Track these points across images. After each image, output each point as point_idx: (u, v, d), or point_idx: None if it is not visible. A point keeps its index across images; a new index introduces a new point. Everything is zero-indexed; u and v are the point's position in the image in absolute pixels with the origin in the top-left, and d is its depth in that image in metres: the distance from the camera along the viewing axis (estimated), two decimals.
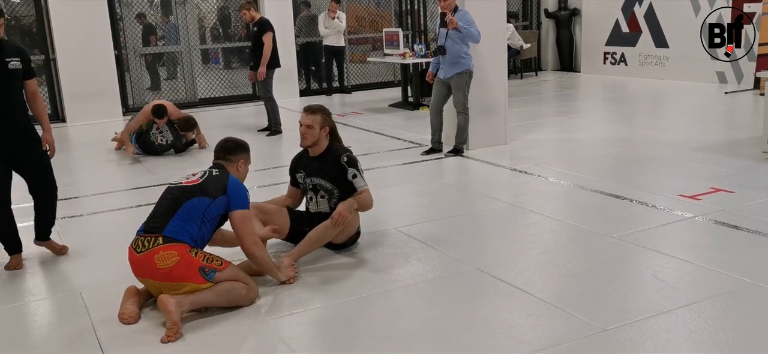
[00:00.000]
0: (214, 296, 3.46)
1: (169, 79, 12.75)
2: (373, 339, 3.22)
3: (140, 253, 3.43)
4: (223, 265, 3.50)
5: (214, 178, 3.65)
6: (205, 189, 3.59)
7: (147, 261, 3.42)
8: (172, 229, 3.45)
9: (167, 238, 3.42)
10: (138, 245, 3.46)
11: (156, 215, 3.55)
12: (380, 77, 13.77)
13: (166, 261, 3.38)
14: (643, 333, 3.14)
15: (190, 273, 3.39)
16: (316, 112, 4.32)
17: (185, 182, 3.64)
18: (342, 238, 4.27)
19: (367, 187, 4.27)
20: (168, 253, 3.39)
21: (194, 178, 3.66)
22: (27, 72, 4.24)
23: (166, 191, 3.67)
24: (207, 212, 3.54)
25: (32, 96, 4.34)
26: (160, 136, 7.69)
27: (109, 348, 3.22)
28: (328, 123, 4.35)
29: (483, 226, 4.93)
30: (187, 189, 3.59)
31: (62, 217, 5.44)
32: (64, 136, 9.62)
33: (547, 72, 14.81)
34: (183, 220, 3.48)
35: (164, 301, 3.30)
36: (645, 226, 4.62)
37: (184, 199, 3.53)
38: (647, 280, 3.77)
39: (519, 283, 3.76)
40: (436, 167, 6.75)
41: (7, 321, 3.60)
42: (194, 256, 3.43)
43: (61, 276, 4.19)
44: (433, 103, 7.10)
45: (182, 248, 3.42)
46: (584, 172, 6.17)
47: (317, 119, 4.29)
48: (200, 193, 3.56)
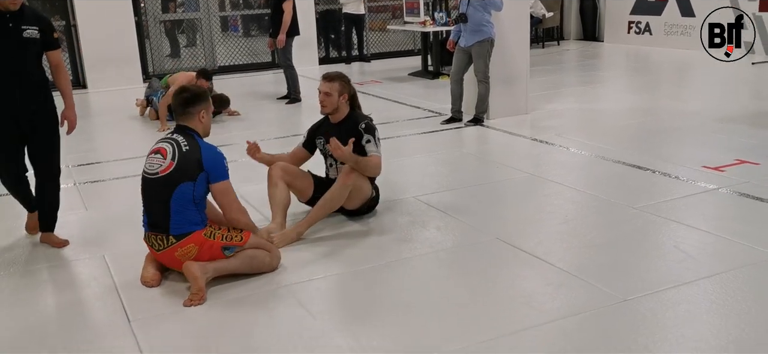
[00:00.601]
0: (238, 263, 3.47)
1: (188, 47, 12.76)
2: (392, 306, 3.23)
3: (160, 251, 3.44)
4: (243, 241, 3.50)
5: (185, 155, 3.40)
6: (183, 171, 3.38)
7: (168, 257, 3.44)
8: (176, 225, 3.38)
9: (178, 236, 3.38)
10: (153, 243, 3.46)
11: (152, 212, 3.46)
12: (400, 46, 13.67)
13: (187, 255, 3.39)
14: (663, 303, 3.12)
15: (213, 253, 3.42)
16: (334, 79, 4.29)
17: (161, 171, 3.40)
18: (355, 203, 4.23)
19: (377, 154, 4.23)
20: (186, 248, 3.38)
21: (166, 164, 3.40)
22: (47, 42, 3.97)
23: (144, 181, 3.50)
24: (195, 194, 3.40)
25: (55, 68, 4.07)
26: None
27: (134, 309, 3.26)
28: (347, 90, 4.32)
29: (503, 195, 4.91)
30: (165, 179, 3.38)
31: (84, 181, 5.51)
32: (85, 102, 9.69)
33: (569, 41, 14.61)
34: (180, 212, 3.37)
35: (189, 267, 3.32)
36: (667, 197, 4.57)
37: (169, 190, 3.36)
38: (669, 251, 3.73)
39: (538, 252, 3.74)
40: (456, 136, 6.71)
41: (33, 282, 3.66)
42: (213, 239, 3.42)
43: (84, 240, 4.24)
44: (454, 72, 7.04)
45: (198, 238, 3.39)
46: (606, 142, 6.10)
47: (335, 87, 4.27)
48: (180, 179, 3.37)
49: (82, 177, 5.65)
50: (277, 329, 3.05)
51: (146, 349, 2.91)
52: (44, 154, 4.04)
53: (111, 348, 2.95)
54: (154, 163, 3.46)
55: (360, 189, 4.20)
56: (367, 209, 4.38)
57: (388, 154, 6.15)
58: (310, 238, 4.06)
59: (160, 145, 3.52)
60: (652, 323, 2.96)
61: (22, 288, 3.59)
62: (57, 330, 3.13)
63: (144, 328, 3.10)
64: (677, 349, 2.75)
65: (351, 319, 3.10)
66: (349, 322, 3.06)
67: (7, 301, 3.46)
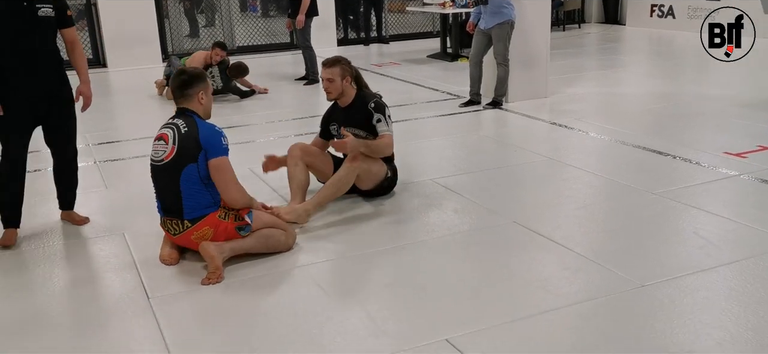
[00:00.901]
0: (253, 242, 3.49)
1: (207, 27, 12.80)
2: (408, 288, 3.23)
3: (176, 235, 3.47)
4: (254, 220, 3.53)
5: (185, 136, 3.39)
6: (185, 153, 3.37)
7: (185, 240, 3.47)
8: (189, 209, 3.39)
9: (193, 220, 3.40)
10: (169, 228, 3.49)
11: (165, 199, 3.48)
12: (419, 27, 13.62)
13: (203, 238, 3.42)
14: (682, 290, 3.10)
15: (228, 234, 3.44)
16: (334, 64, 4.26)
17: (165, 157, 3.40)
18: (368, 184, 4.22)
19: (389, 133, 4.22)
20: (202, 231, 3.41)
21: (169, 149, 3.40)
22: (62, 20, 3.87)
23: (152, 169, 3.51)
24: (201, 175, 3.38)
25: (71, 46, 3.99)
26: (211, 80, 7.72)
27: (152, 287, 3.30)
28: (349, 72, 4.28)
29: (520, 179, 4.88)
30: (171, 165, 3.38)
31: (104, 160, 5.55)
32: (104, 81, 9.77)
33: (590, 24, 14.46)
34: (191, 195, 3.38)
35: (206, 247, 3.35)
36: (687, 183, 4.52)
37: (176, 175, 3.36)
38: (688, 237, 3.70)
39: (556, 236, 3.72)
40: (474, 119, 6.68)
41: (53, 259, 3.71)
42: (227, 221, 3.44)
43: (104, 217, 4.29)
44: (473, 54, 6.99)
45: (212, 220, 3.41)
46: (626, 127, 6.04)
47: (336, 71, 4.24)
48: (185, 162, 3.36)
49: (102, 155, 5.70)
50: (293, 309, 3.07)
51: (165, 325, 2.94)
52: (62, 137, 4.00)
53: (130, 324, 2.98)
54: (158, 150, 3.48)
55: (369, 170, 4.16)
56: (385, 190, 4.37)
57: (405, 137, 6.15)
58: (326, 218, 4.07)
59: (162, 131, 3.52)
60: (669, 309, 2.94)
61: (43, 263, 3.64)
62: (77, 306, 3.17)
63: (162, 305, 3.13)
64: (695, 335, 2.73)
65: (366, 300, 3.11)
66: (364, 304, 3.07)
67: (28, 276, 3.51)
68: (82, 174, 4.21)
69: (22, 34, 3.71)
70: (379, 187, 4.31)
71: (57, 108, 3.90)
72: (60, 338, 2.90)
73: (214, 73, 7.73)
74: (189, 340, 2.84)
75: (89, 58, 10.87)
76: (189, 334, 2.90)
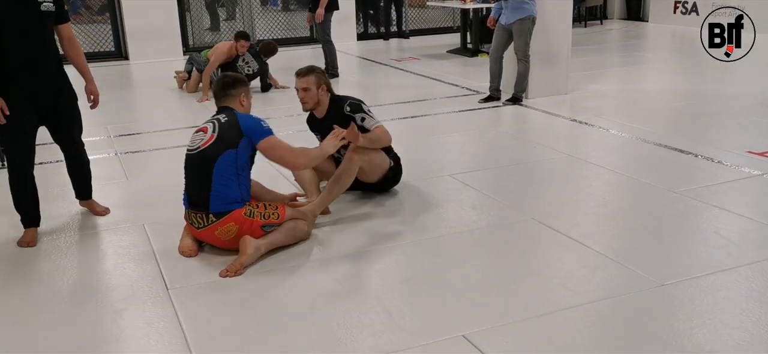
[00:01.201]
0: (282, 236, 3.56)
1: (227, 20, 12.86)
2: (425, 284, 3.23)
3: (200, 229, 3.50)
4: (280, 218, 3.56)
5: (225, 125, 3.50)
6: (224, 141, 3.45)
7: (209, 235, 3.50)
8: (217, 203, 3.42)
9: (218, 214, 3.42)
10: (193, 221, 3.51)
11: (193, 189, 3.51)
12: (439, 22, 13.57)
13: (227, 233, 3.45)
14: (702, 290, 3.07)
15: (253, 232, 3.47)
16: (308, 72, 4.15)
17: (202, 145, 3.47)
18: (372, 177, 4.16)
19: (379, 124, 4.15)
20: (227, 227, 3.43)
21: (208, 137, 3.48)
22: (60, 15, 3.76)
23: (188, 158, 3.56)
24: (238, 163, 3.46)
25: (68, 42, 3.86)
26: (246, 66, 7.83)
27: (171, 278, 3.33)
28: (324, 80, 4.18)
29: (539, 176, 4.86)
30: (209, 151, 3.44)
31: (125, 152, 5.61)
32: (126, 73, 9.86)
33: (612, 21, 14.33)
34: (221, 186, 3.42)
35: (247, 241, 3.39)
36: (709, 182, 4.47)
37: (211, 161, 3.42)
38: (709, 237, 3.66)
39: (575, 234, 3.70)
40: (494, 115, 6.65)
41: (73, 248, 3.75)
42: (253, 218, 3.46)
43: (125, 208, 4.33)
44: (494, 50, 6.96)
45: (237, 217, 3.44)
46: (647, 124, 5.98)
47: (312, 80, 4.12)
48: (223, 148, 3.43)
49: (123, 147, 5.75)
50: (310, 302, 3.08)
51: (183, 316, 2.97)
52: (71, 135, 3.95)
53: (149, 315, 3.01)
54: (195, 140, 3.55)
55: (371, 162, 4.09)
56: (391, 181, 4.33)
57: (424, 132, 6.16)
58: (343, 213, 4.08)
59: (203, 125, 3.61)
60: (689, 309, 2.92)
61: (64, 253, 3.69)
62: (96, 295, 3.21)
63: (181, 296, 3.15)
64: (715, 336, 2.71)
65: (383, 295, 3.11)
66: (381, 298, 3.08)
67: (48, 265, 3.55)
68: (102, 165, 4.26)
69: (28, 30, 3.61)
70: (385, 177, 4.25)
71: (65, 104, 3.84)
72: (79, 326, 2.93)
73: (248, 59, 7.81)
74: (207, 332, 2.86)
75: (111, 51, 11.01)
76: (207, 325, 2.92)
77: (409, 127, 6.40)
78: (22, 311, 3.08)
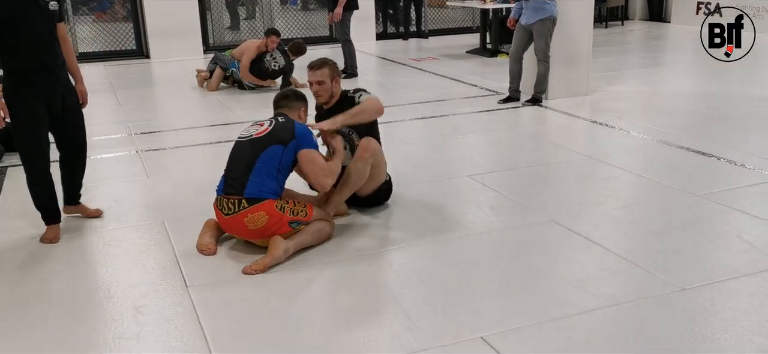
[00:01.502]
0: (310, 238, 3.59)
1: (247, 19, 12.92)
2: (443, 284, 3.23)
3: (228, 215, 3.51)
4: (308, 217, 3.59)
5: (281, 124, 3.64)
6: (276, 136, 3.57)
7: (237, 223, 3.51)
8: (253, 188, 3.46)
9: (251, 200, 3.45)
10: (223, 207, 3.53)
11: (233, 172, 3.56)
12: (458, 22, 13.54)
13: (256, 222, 3.47)
14: (724, 294, 3.03)
15: (280, 227, 3.49)
16: (323, 65, 4.06)
17: (255, 134, 3.60)
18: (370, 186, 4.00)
19: (372, 96, 4.00)
20: (257, 215, 3.45)
21: (263, 129, 3.63)
22: (60, 15, 3.78)
23: (236, 145, 3.65)
24: (282, 160, 3.55)
25: (62, 42, 3.80)
26: (273, 62, 7.94)
27: (191, 275, 3.35)
28: (337, 72, 4.12)
29: (559, 177, 4.83)
30: (259, 140, 3.56)
31: (146, 149, 5.65)
32: (147, 71, 9.94)
33: (634, 22, 14.21)
34: (261, 176, 3.48)
35: (277, 242, 3.41)
36: (732, 186, 4.42)
37: (258, 151, 3.52)
38: (731, 241, 3.62)
39: (594, 236, 3.67)
40: (513, 116, 6.62)
41: (93, 246, 3.79)
42: (283, 213, 3.49)
43: (145, 206, 4.37)
44: (514, 50, 6.93)
45: (269, 206, 3.46)
46: (669, 126, 5.93)
47: (326, 73, 4.03)
48: (272, 142, 3.54)
49: (143, 145, 5.80)
50: (328, 301, 3.09)
51: (202, 313, 2.99)
52: (78, 133, 3.94)
53: (168, 312, 3.04)
54: (250, 129, 3.69)
55: (378, 165, 3.97)
56: (382, 198, 4.18)
57: (443, 132, 6.14)
58: (362, 213, 4.08)
59: (262, 121, 3.74)
60: (710, 313, 2.89)
61: (84, 250, 3.73)
62: (117, 292, 3.24)
63: (201, 293, 3.18)
64: (736, 341, 2.68)
65: (401, 295, 3.11)
66: (399, 299, 3.07)
67: (69, 262, 3.59)
68: (123, 163, 4.29)
69: (40, 29, 3.61)
70: (378, 191, 4.09)
71: (71, 102, 3.84)
72: (99, 322, 2.96)
73: (275, 55, 7.92)
74: (225, 329, 2.88)
75: (132, 49, 11.12)
76: (225, 322, 2.93)
77: (428, 127, 6.39)
78: (43, 308, 3.12)
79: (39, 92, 3.64)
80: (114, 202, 4.41)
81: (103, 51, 11.09)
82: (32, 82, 3.61)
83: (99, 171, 5.14)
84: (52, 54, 3.69)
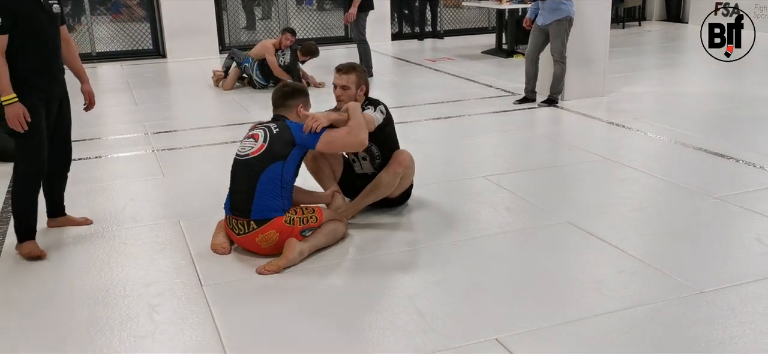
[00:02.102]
0: (324, 239, 3.57)
1: (263, 19, 12.95)
2: (458, 285, 3.21)
3: (240, 235, 3.51)
4: (318, 221, 3.57)
5: (277, 136, 3.51)
6: (273, 152, 3.47)
7: (249, 242, 3.51)
8: (258, 210, 3.43)
9: (260, 221, 3.44)
10: (234, 227, 3.53)
11: (237, 194, 3.53)
12: (474, 23, 13.50)
13: (268, 241, 3.47)
14: (742, 298, 2.99)
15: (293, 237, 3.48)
16: (351, 71, 3.92)
17: (252, 153, 3.49)
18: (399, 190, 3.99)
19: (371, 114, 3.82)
20: (268, 234, 3.44)
21: (258, 146, 3.50)
22: (62, 17, 3.69)
23: (235, 163, 3.57)
24: (283, 177, 3.48)
25: (65, 44, 3.72)
26: (282, 56, 8.09)
27: (206, 274, 3.36)
28: (364, 80, 3.97)
29: (575, 179, 4.80)
30: (256, 160, 3.46)
31: (162, 149, 5.68)
32: (163, 71, 10.00)
33: (651, 22, 14.09)
34: (264, 197, 3.43)
35: (292, 244, 3.40)
36: (750, 188, 4.37)
37: (257, 173, 3.44)
38: (750, 244, 3.57)
39: (611, 238, 3.64)
40: (529, 117, 6.59)
41: (109, 245, 3.81)
42: (293, 226, 3.48)
43: (161, 205, 4.39)
44: (530, 51, 6.90)
45: (278, 224, 3.45)
46: (687, 128, 5.87)
47: (352, 78, 3.90)
48: (271, 160, 3.45)
49: (159, 144, 5.83)
50: (342, 302, 3.09)
51: (217, 313, 2.99)
52: (68, 138, 3.82)
53: (184, 310, 3.05)
54: (245, 146, 3.57)
55: (410, 175, 4.00)
56: (403, 199, 4.16)
57: (458, 133, 6.12)
58: (377, 214, 4.07)
59: (253, 131, 3.64)
60: (729, 317, 2.85)
61: (100, 248, 3.74)
62: (132, 290, 3.25)
63: (215, 292, 3.18)
64: (755, 344, 2.64)
65: (416, 296, 3.10)
66: (414, 300, 3.06)
67: (85, 260, 3.61)
68: (139, 162, 4.31)
69: (45, 31, 3.53)
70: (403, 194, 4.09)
71: (66, 108, 3.76)
72: (114, 321, 2.98)
73: (286, 53, 8.09)
74: (240, 329, 2.88)
75: (149, 49, 11.19)
76: (240, 322, 2.94)
77: (444, 127, 6.38)
78: (58, 305, 3.14)
79: (40, 95, 3.53)
80: (130, 201, 4.43)
81: (120, 50, 11.18)
82: (35, 84, 3.51)
83: (115, 170, 5.18)
84: (56, 57, 3.62)
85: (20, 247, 3.61)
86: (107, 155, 5.53)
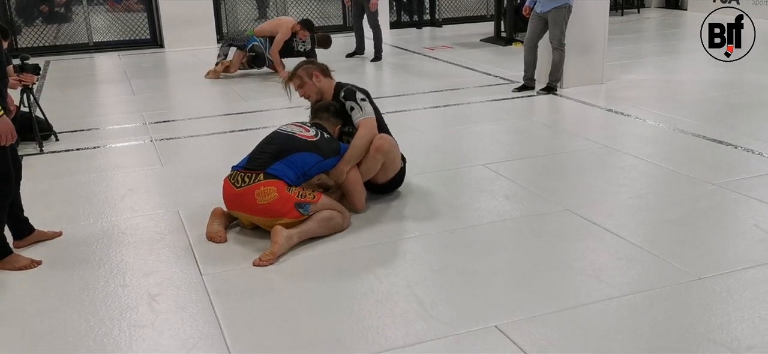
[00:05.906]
0: (316, 226, 3.56)
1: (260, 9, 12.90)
2: (457, 273, 3.22)
3: (239, 188, 3.54)
4: (316, 198, 3.58)
5: (327, 140, 3.78)
6: (319, 147, 3.71)
7: (246, 196, 3.52)
8: (275, 170, 3.55)
9: (268, 175, 3.52)
10: (236, 181, 3.56)
11: (260, 154, 3.65)
12: (472, 11, 13.48)
13: (265, 196, 3.48)
14: (741, 283, 3.00)
15: (286, 208, 3.49)
16: (296, 70, 4.07)
17: (299, 134, 3.72)
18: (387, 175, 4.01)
19: (364, 117, 3.89)
20: (268, 188, 3.49)
21: (308, 134, 3.74)
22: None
23: (274, 134, 3.76)
24: (312, 169, 3.69)
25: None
26: (301, 44, 8.15)
27: (205, 263, 3.37)
28: (314, 67, 4.07)
29: (574, 166, 4.80)
30: (301, 141, 3.69)
31: (160, 138, 5.68)
32: (161, 61, 9.98)
33: (650, 9, 14.06)
34: (287, 166, 3.58)
35: (279, 232, 3.40)
36: (748, 174, 4.37)
37: (295, 149, 3.64)
38: (748, 230, 3.58)
39: (610, 225, 3.65)
40: (528, 105, 6.59)
41: (109, 235, 3.81)
42: (290, 193, 3.52)
43: (160, 195, 4.39)
44: (528, 38, 6.88)
45: (280, 185, 3.51)
46: (685, 115, 5.87)
47: (300, 74, 4.04)
48: (313, 149, 3.68)
49: (158, 134, 5.82)
50: (342, 290, 3.09)
51: (217, 302, 3.00)
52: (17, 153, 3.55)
53: (184, 299, 3.05)
54: (293, 128, 3.81)
55: (394, 159, 3.99)
56: (395, 185, 4.17)
57: (457, 121, 6.12)
58: (378, 202, 4.07)
59: (305, 124, 3.86)
60: (727, 303, 2.86)
61: (100, 239, 3.74)
62: (131, 279, 3.26)
63: (215, 282, 3.19)
64: (754, 330, 2.65)
65: (416, 284, 3.11)
66: (413, 288, 3.07)
67: (85, 251, 3.61)
68: (138, 152, 4.30)
69: None
70: (396, 177, 4.09)
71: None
72: (114, 310, 2.98)
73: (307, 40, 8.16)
74: (240, 317, 2.89)
75: (146, 39, 11.15)
76: (240, 311, 2.94)
77: (442, 116, 6.37)
78: (59, 296, 3.14)
79: None
80: (129, 191, 4.43)
81: (118, 40, 11.15)
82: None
83: (113, 160, 5.17)
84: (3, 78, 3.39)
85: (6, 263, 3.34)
86: (105, 145, 5.52)
